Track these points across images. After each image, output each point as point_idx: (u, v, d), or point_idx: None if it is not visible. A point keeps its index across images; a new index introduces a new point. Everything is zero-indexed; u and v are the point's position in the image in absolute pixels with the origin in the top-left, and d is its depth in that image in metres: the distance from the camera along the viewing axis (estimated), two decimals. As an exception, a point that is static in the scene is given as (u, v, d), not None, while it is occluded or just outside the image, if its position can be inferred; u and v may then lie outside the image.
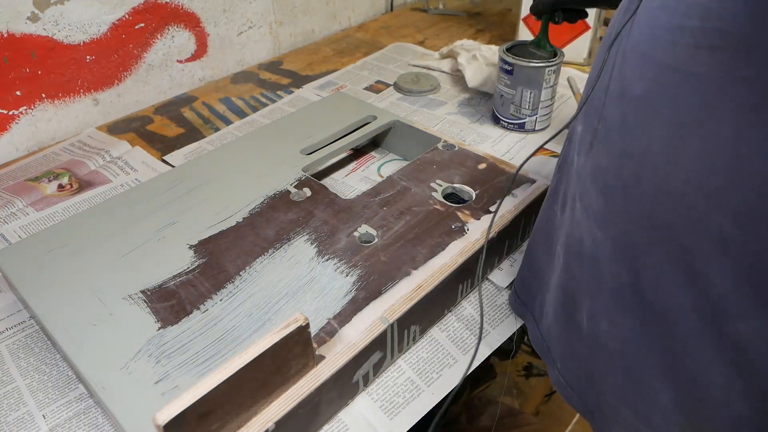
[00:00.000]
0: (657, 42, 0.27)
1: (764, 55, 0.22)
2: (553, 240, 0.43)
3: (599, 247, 0.34)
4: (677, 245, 0.29)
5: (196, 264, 0.49)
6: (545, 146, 0.49)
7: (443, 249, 0.49)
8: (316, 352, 0.41)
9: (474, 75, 0.85)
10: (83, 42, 0.78)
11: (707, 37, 0.24)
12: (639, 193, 0.30)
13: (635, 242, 0.31)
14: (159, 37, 0.87)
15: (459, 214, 0.53)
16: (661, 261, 0.30)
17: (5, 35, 0.71)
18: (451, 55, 0.93)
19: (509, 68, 0.72)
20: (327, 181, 0.68)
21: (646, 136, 0.29)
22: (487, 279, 0.55)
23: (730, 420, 0.31)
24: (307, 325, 0.37)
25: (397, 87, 0.89)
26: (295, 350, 0.37)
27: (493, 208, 0.54)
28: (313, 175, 0.61)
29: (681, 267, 0.29)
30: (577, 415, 0.99)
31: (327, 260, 0.49)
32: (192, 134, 0.80)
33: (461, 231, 0.51)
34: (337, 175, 0.69)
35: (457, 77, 0.91)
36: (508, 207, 0.54)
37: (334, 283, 0.47)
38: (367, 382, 0.45)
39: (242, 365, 0.34)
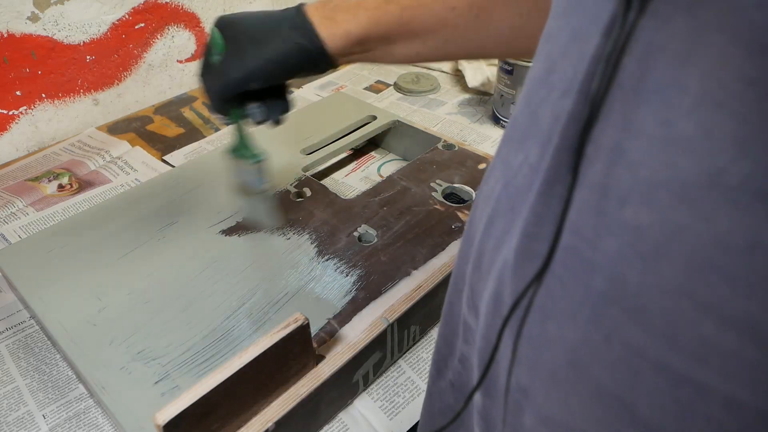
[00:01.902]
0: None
1: None
2: None
3: None
4: None
5: (196, 264, 0.49)
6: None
7: (443, 249, 0.49)
8: (316, 352, 0.41)
9: (474, 75, 0.85)
10: (83, 42, 0.78)
11: None
12: None
13: None
14: (159, 37, 0.87)
15: (459, 214, 0.53)
16: None
17: (5, 35, 0.71)
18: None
19: (509, 68, 0.72)
20: (327, 181, 0.68)
21: None
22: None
23: None
24: (307, 325, 0.37)
25: (397, 87, 0.89)
26: (295, 350, 0.37)
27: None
28: (313, 175, 0.61)
29: None
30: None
31: (327, 260, 0.49)
32: (192, 134, 0.80)
33: (461, 231, 0.51)
34: (337, 175, 0.69)
35: (457, 77, 0.91)
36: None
37: (334, 283, 0.47)
38: (367, 382, 0.45)
39: (242, 365, 0.34)
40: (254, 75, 0.39)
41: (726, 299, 0.14)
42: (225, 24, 0.40)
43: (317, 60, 0.39)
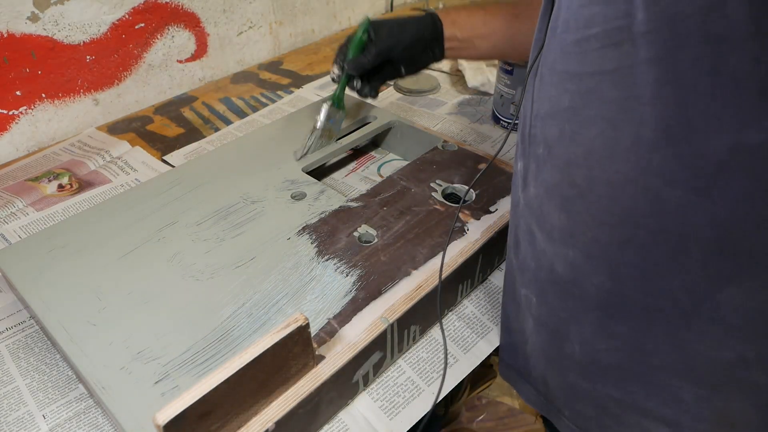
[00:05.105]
0: (569, 57, 0.30)
1: (661, 36, 0.25)
2: (515, 288, 0.42)
3: (573, 266, 0.34)
4: (646, 230, 0.30)
5: (196, 264, 0.49)
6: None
7: (443, 249, 0.49)
8: (316, 352, 0.41)
9: (474, 75, 0.85)
10: (83, 42, 0.78)
11: (610, 37, 0.27)
12: (596, 193, 0.31)
13: (608, 242, 0.32)
14: (159, 37, 0.87)
15: (459, 214, 0.53)
16: (637, 252, 0.31)
17: (5, 35, 0.71)
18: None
19: (509, 68, 0.72)
20: (327, 181, 0.68)
21: (586, 138, 0.31)
22: (488, 279, 0.55)
23: (755, 398, 0.32)
24: (307, 325, 0.37)
25: (397, 87, 0.89)
26: (295, 350, 0.37)
27: (493, 208, 0.54)
28: (313, 175, 0.61)
29: (657, 251, 0.30)
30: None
31: (327, 260, 0.49)
32: (192, 134, 0.80)
33: (461, 231, 0.51)
34: (337, 175, 0.69)
35: (457, 77, 0.91)
36: (508, 206, 0.54)
37: (334, 283, 0.47)
38: (367, 382, 0.45)
39: (242, 365, 0.34)
40: (392, 50, 0.58)
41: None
42: (374, 23, 0.58)
43: (435, 47, 0.59)
